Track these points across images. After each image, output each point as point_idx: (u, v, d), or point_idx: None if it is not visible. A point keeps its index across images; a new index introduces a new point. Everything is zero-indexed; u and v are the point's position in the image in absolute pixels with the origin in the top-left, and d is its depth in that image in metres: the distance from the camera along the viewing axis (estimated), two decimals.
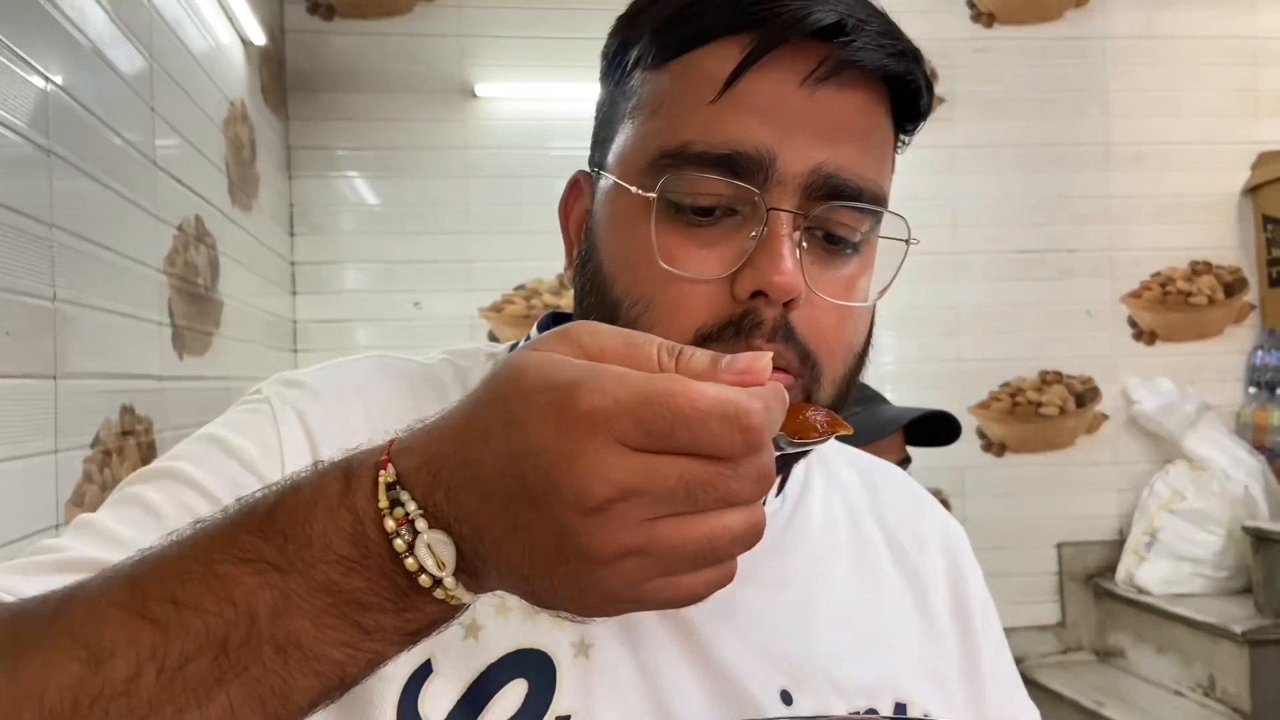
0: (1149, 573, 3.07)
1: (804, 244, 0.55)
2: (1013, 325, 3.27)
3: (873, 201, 0.56)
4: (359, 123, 3.06)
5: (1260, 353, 3.32)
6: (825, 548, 0.68)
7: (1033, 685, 3.20)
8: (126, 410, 1.53)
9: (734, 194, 0.55)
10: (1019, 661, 3.42)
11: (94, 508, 1.43)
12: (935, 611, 0.70)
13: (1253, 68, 3.39)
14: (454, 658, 0.55)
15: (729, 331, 0.55)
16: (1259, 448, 3.18)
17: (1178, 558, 3.04)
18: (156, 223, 1.71)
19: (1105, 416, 3.34)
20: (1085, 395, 3.33)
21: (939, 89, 3.25)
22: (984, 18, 3.31)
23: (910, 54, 0.57)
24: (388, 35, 3.06)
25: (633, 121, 0.59)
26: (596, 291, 0.59)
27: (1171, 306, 3.36)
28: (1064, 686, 3.06)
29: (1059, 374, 3.33)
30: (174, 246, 1.79)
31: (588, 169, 0.65)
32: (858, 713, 0.62)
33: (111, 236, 1.48)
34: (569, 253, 0.64)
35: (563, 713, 0.56)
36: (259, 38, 2.47)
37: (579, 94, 3.13)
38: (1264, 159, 3.34)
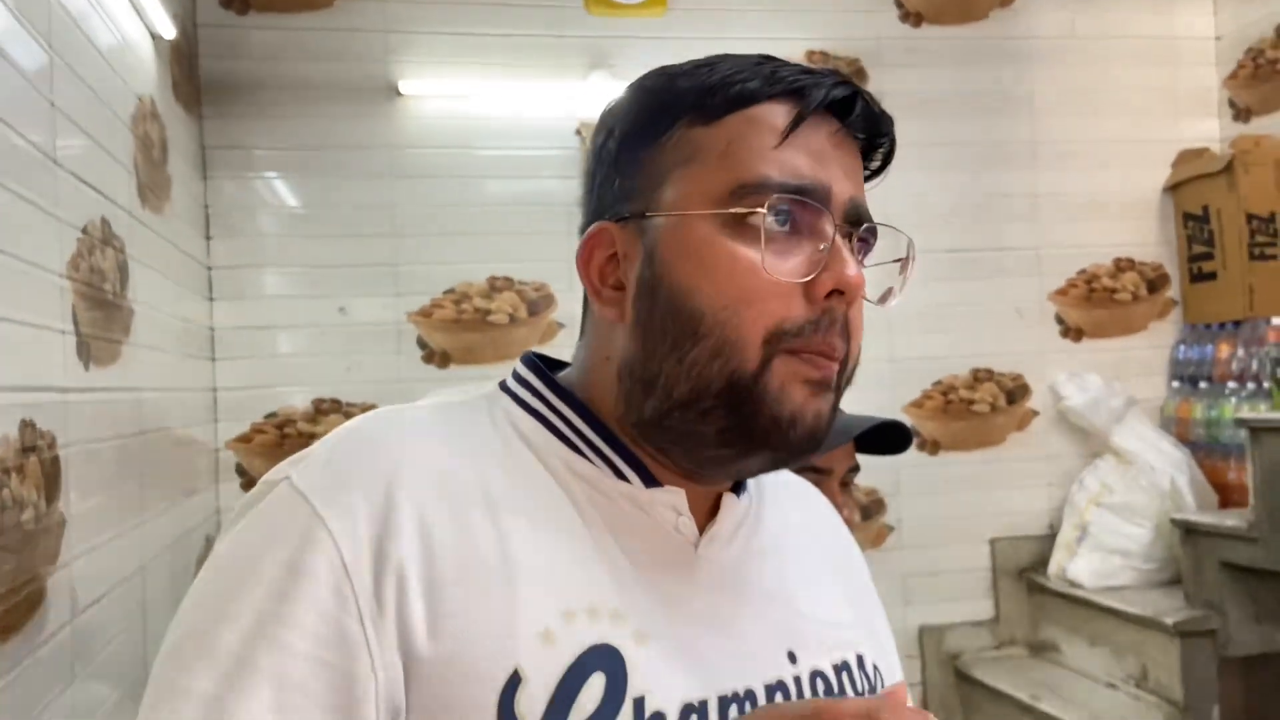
0: (1080, 566, 3.11)
1: None
2: (944, 324, 3.29)
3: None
4: (278, 121, 2.95)
5: (1183, 347, 3.38)
6: (783, 532, 0.81)
7: (969, 681, 3.22)
8: (27, 425, 1.42)
9: (806, 216, 0.68)
10: (955, 657, 3.44)
11: None
12: (859, 587, 0.88)
13: (1172, 67, 3.45)
14: (537, 665, 0.62)
15: (809, 328, 0.67)
16: (1183, 441, 3.23)
17: (1108, 551, 3.08)
18: (58, 225, 1.60)
19: (1035, 413, 3.37)
20: (1015, 392, 3.36)
21: (868, 88, 3.25)
22: (912, 17, 3.31)
23: (890, 124, 0.73)
24: (307, 30, 2.96)
25: (691, 167, 0.69)
26: (671, 310, 0.68)
27: (1097, 303, 3.41)
28: (1000, 681, 3.08)
29: (990, 371, 3.35)
30: (78, 250, 1.68)
31: (605, 221, 0.72)
32: (838, 664, 0.75)
33: (7, 239, 1.38)
34: (596, 295, 0.73)
35: (637, 694, 0.64)
36: (169, 32, 2.36)
37: (505, 92, 3.06)
38: (1183, 157, 3.41)
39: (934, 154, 3.28)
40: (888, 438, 1.42)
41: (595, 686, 0.63)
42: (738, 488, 0.77)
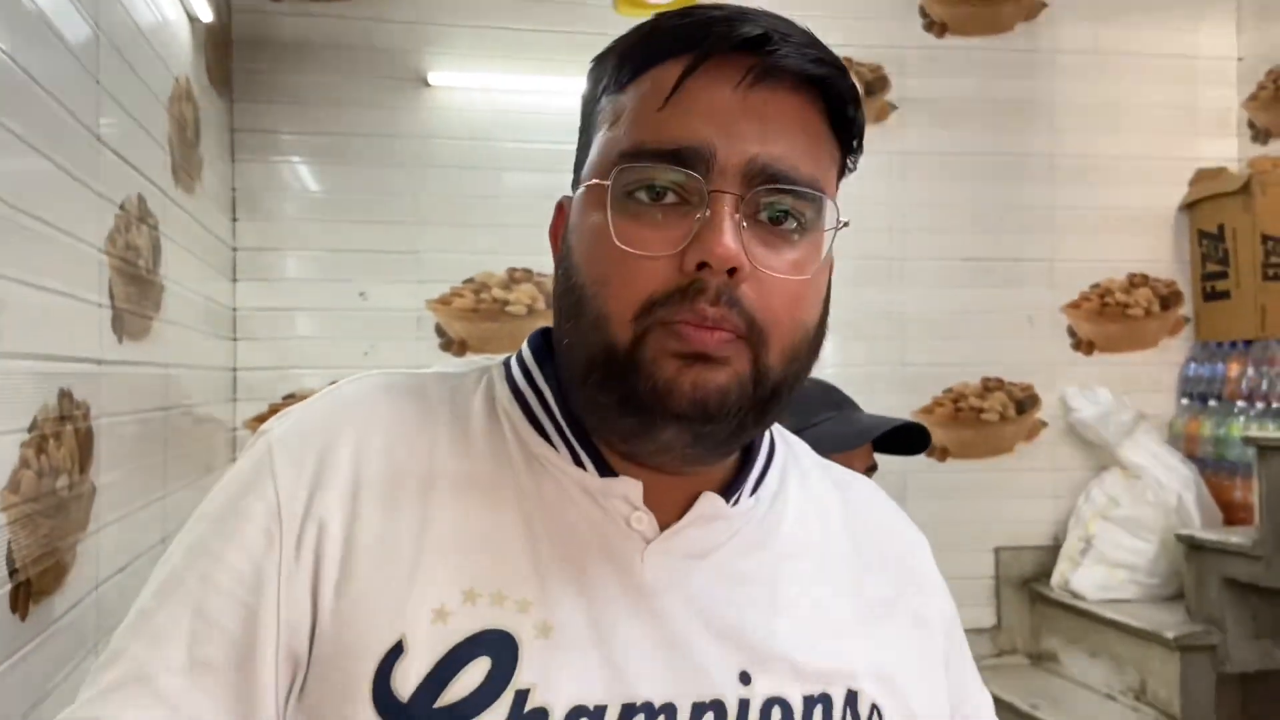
0: (1084, 578, 3.13)
1: (744, 225, 0.62)
2: (957, 331, 3.31)
3: (807, 188, 0.64)
4: (306, 107, 2.98)
5: (1193, 364, 3.40)
6: (793, 549, 0.74)
7: None
8: (65, 394, 1.46)
9: (681, 182, 0.63)
10: None
11: (30, 494, 1.35)
12: (897, 622, 0.76)
13: (1192, 86, 3.47)
14: (424, 639, 0.61)
15: (675, 298, 0.62)
16: (1191, 457, 3.25)
17: (1112, 564, 3.10)
18: (99, 200, 1.63)
19: (1044, 424, 3.40)
20: (1025, 402, 3.39)
21: (890, 96, 3.28)
22: (936, 27, 3.34)
23: (830, 62, 0.65)
24: (339, 18, 2.99)
25: (598, 135, 0.67)
26: (567, 283, 0.67)
27: (1109, 317, 3.43)
28: (999, 689, 3.10)
29: (1000, 381, 3.37)
30: (115, 226, 1.72)
31: (570, 195, 0.72)
32: (812, 696, 0.67)
33: (53, 212, 1.42)
34: (556, 266, 0.72)
35: (523, 686, 0.62)
36: (206, 14, 2.39)
37: (532, 86, 3.09)
38: (1200, 175, 3.42)
39: (953, 163, 3.31)
40: (905, 437, 1.45)
41: (477, 670, 0.61)
42: (738, 489, 0.72)
